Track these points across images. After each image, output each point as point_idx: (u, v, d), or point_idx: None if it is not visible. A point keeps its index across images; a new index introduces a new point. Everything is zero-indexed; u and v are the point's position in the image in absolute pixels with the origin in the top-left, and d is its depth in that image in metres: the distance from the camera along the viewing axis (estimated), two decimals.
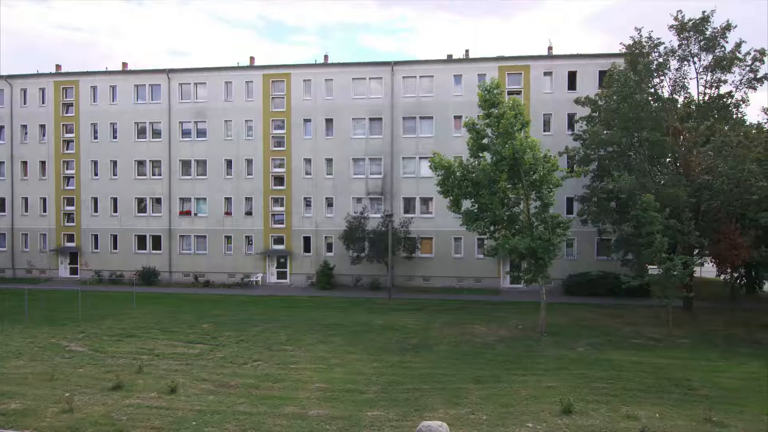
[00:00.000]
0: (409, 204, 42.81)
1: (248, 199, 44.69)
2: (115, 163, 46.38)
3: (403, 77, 42.62)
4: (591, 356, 22.40)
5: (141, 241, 46.22)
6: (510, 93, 39.78)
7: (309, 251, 43.85)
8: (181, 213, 45.60)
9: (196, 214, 45.46)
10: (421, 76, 42.53)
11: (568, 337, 25.76)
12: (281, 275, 44.62)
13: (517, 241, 25.18)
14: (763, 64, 30.51)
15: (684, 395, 17.58)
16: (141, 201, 46.31)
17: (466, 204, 27.98)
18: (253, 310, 32.56)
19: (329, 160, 43.54)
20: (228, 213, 44.91)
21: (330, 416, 14.99)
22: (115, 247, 46.56)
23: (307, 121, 43.76)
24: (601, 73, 39.33)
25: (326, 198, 43.62)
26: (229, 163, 44.82)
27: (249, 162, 44.52)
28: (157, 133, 45.85)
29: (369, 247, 40.20)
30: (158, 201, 45.94)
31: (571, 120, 39.82)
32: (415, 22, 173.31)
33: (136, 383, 17.88)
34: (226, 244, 45.06)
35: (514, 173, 25.86)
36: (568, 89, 40.69)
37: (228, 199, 44.97)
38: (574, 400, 16.13)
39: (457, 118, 41.06)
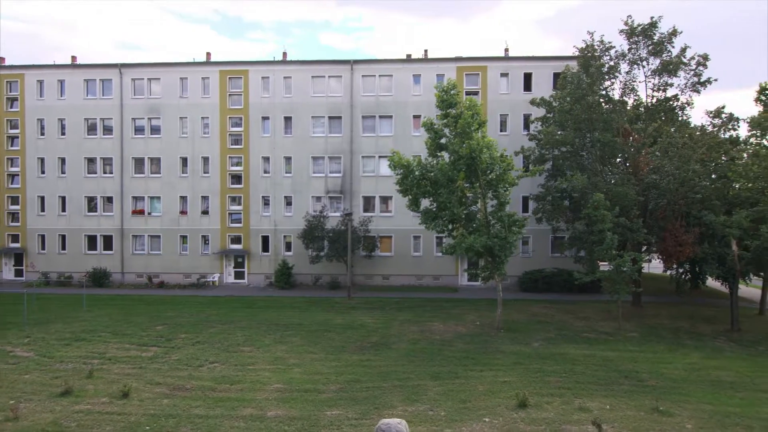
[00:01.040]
0: (368, 203, 42.87)
1: (204, 198, 43.79)
2: (63, 160, 44.61)
3: (363, 76, 42.62)
4: (545, 351, 23.01)
5: (91, 241, 44.63)
6: (468, 93, 40.40)
7: (267, 251, 43.34)
8: (134, 212, 44.28)
9: (149, 213, 44.22)
10: (380, 75, 42.63)
11: (523, 333, 26.38)
12: (239, 275, 43.93)
13: (474, 240, 25.60)
14: (706, 68, 31.96)
15: (633, 386, 18.29)
16: (91, 200, 44.70)
17: (425, 203, 28.28)
18: (209, 311, 31.97)
19: (288, 159, 43.12)
20: (183, 212, 43.89)
21: (289, 417, 14.91)
22: (63, 248, 44.80)
23: (265, 118, 43.20)
24: (556, 75, 40.39)
25: (285, 197, 43.20)
26: (184, 160, 43.79)
27: (205, 160, 43.62)
28: (108, 130, 44.34)
29: (328, 246, 40.06)
30: (109, 200, 44.46)
31: (527, 120, 40.70)
32: (373, 21, 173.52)
33: (86, 389, 17.31)
34: (181, 244, 44.04)
35: (471, 172, 26.29)
36: (524, 90, 41.59)
37: (183, 198, 43.94)
38: (529, 394, 16.56)
39: (416, 117, 41.41)
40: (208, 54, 44.94)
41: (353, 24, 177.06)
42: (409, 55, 43.56)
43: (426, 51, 44.01)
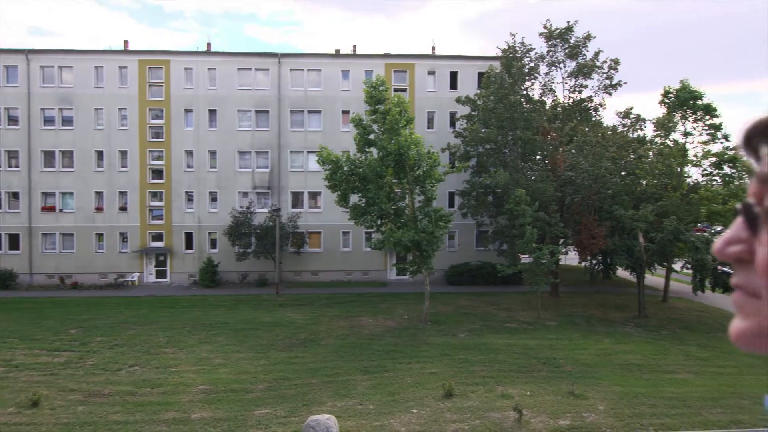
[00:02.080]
0: (297, 198, 42.38)
1: (123, 194, 41.58)
2: None
3: (291, 70, 41.98)
4: (470, 341, 23.80)
5: None
6: (396, 90, 40.77)
7: (191, 248, 41.83)
8: (44, 209, 41.34)
9: (61, 210, 41.44)
10: (308, 70, 42.16)
11: (450, 325, 27.12)
12: (160, 274, 42.14)
13: (403, 234, 26.01)
14: (617, 72, 34.11)
15: (551, 373, 19.31)
16: None
17: (354, 198, 28.38)
18: (128, 313, 30.49)
19: (213, 153, 41.78)
20: (99, 208, 41.47)
21: (214, 418, 14.56)
22: None
23: (188, 111, 41.59)
24: (480, 75, 41.55)
25: (210, 192, 41.84)
26: (100, 154, 41.35)
27: (123, 153, 41.41)
28: (13, 120, 41.07)
29: (256, 242, 39.24)
30: (15, 195, 41.24)
31: (453, 118, 41.68)
32: (301, 15, 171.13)
33: None
34: (97, 242, 41.62)
35: (399, 168, 26.67)
36: (450, 88, 42.52)
37: (99, 194, 41.51)
38: (455, 384, 17.09)
39: (345, 112, 41.30)
40: (126, 42, 42.66)
41: (281, 17, 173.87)
42: (337, 51, 43.39)
43: (355, 47, 44.01)
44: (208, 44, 43.21)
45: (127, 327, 26.59)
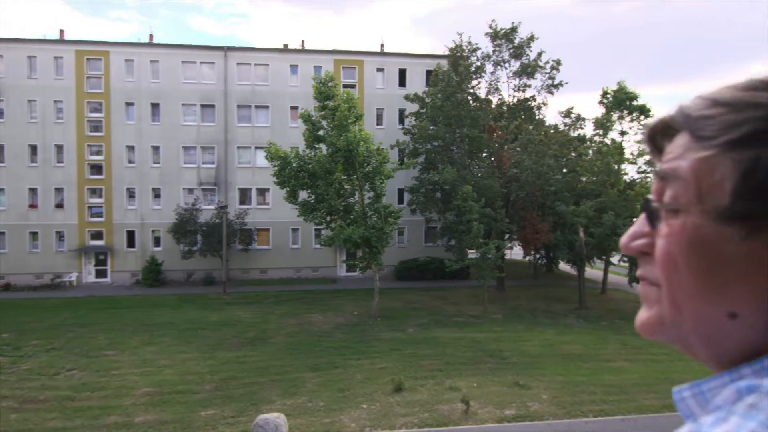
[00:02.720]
0: (245, 195, 41.64)
1: (59, 190, 39.64)
2: None
3: (237, 64, 41.14)
4: (419, 336, 24.15)
5: None
6: (345, 86, 40.65)
7: (134, 246, 40.40)
8: None
9: None
10: (256, 64, 41.43)
11: (399, 320, 27.42)
12: (101, 274, 40.49)
13: (352, 231, 26.07)
14: (559, 72, 35.31)
15: (497, 364, 19.88)
16: None
17: (303, 195, 28.20)
18: (66, 314, 29.16)
19: (156, 148, 40.42)
20: (33, 205, 39.37)
21: (159, 421, 14.22)
22: None
23: (129, 104, 40.06)
24: (428, 73, 42.04)
25: (153, 188, 40.50)
26: (33, 148, 39.25)
27: (59, 148, 39.45)
28: None
29: (202, 240, 38.33)
30: None
31: (402, 115, 42.00)
32: (247, 7, 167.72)
33: None
34: (31, 241, 39.53)
35: (349, 165, 26.69)
36: (399, 86, 42.79)
37: (33, 190, 39.42)
38: (404, 379, 17.34)
39: (294, 108, 40.85)
40: (62, 31, 40.68)
41: (225, 9, 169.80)
42: (286, 46, 42.85)
43: (303, 42, 43.61)
44: (150, 35, 41.81)
45: (65, 329, 25.45)
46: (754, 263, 0.52)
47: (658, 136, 0.64)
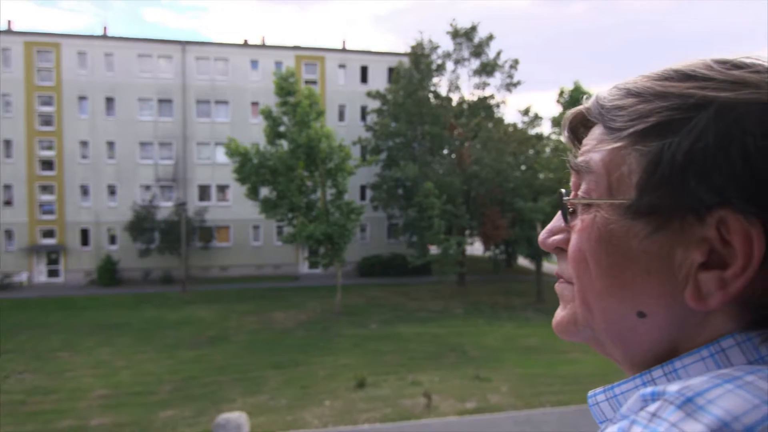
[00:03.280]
0: (204, 192, 40.88)
1: (7, 187, 37.99)
2: None
3: (196, 58, 40.28)
4: (382, 332, 24.33)
5: None
6: (307, 83, 40.37)
7: (88, 245, 39.14)
8: None
9: None
10: (215, 59, 40.67)
11: (362, 316, 27.52)
12: (53, 273, 39.08)
13: (315, 228, 26.01)
14: (517, 71, 36.05)
15: (458, 358, 20.23)
16: None
17: (264, 191, 27.96)
18: (16, 316, 28.04)
19: (111, 144, 39.22)
20: None
21: (116, 424, 13.92)
22: None
23: (82, 98, 38.70)
24: (390, 70, 42.16)
25: (108, 185, 39.30)
26: None
27: (7, 143, 37.80)
28: None
29: (160, 238, 37.46)
30: None
31: (364, 112, 42.00)
32: (207, 1, 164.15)
33: None
34: None
35: (310, 161, 26.60)
36: (361, 82, 42.76)
37: None
38: (367, 374, 17.46)
39: (255, 104, 40.29)
40: (10, 22, 38.95)
41: (185, 2, 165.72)
42: (246, 41, 42.22)
43: (264, 37, 43.04)
44: (105, 27, 40.44)
45: (15, 332, 24.49)
46: (661, 260, 0.49)
47: (579, 127, 0.62)
